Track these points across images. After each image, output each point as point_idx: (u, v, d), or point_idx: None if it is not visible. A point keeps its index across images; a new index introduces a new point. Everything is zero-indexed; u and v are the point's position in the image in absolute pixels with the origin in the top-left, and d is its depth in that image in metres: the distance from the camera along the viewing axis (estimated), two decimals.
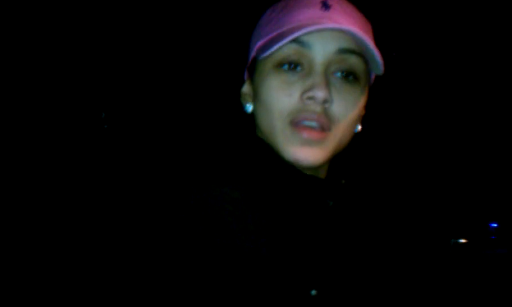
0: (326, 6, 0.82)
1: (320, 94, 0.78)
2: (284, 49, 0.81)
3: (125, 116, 2.76)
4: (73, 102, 2.66)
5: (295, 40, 0.80)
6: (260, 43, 0.87)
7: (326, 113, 0.80)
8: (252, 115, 0.90)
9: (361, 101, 0.84)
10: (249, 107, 0.90)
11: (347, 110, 0.81)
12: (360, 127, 0.89)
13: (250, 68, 0.92)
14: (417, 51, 3.00)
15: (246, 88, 0.94)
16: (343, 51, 0.80)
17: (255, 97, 0.88)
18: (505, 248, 2.96)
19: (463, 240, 3.06)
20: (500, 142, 2.99)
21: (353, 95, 0.82)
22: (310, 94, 0.78)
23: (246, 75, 0.96)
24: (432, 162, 3.12)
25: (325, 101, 0.79)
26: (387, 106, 2.84)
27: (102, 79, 2.68)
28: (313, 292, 0.77)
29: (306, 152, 0.80)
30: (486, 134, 3.02)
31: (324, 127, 0.80)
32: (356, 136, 0.92)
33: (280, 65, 0.82)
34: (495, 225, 3.03)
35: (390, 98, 2.85)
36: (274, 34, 0.82)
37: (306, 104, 0.79)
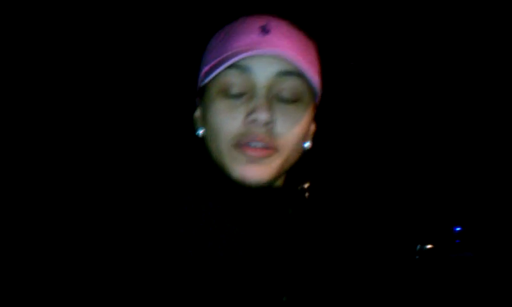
0: (264, 30, 0.84)
1: (262, 116, 0.80)
2: (227, 74, 0.84)
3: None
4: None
5: (236, 65, 0.82)
6: (205, 69, 0.89)
7: (270, 134, 0.82)
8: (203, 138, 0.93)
9: (305, 119, 0.87)
10: (201, 131, 0.93)
11: (291, 129, 0.84)
12: (309, 144, 0.92)
13: (199, 93, 0.94)
14: (370, 60, 3.02)
15: (197, 113, 0.97)
16: (283, 73, 0.83)
17: (204, 121, 0.91)
18: (471, 251, 2.97)
19: (428, 246, 3.07)
20: (461, 144, 3.02)
21: (296, 115, 0.85)
22: (253, 117, 0.81)
23: (197, 100, 0.98)
24: (394, 168, 3.12)
25: (268, 123, 0.81)
26: (347, 110, 2.85)
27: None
28: (284, 299, 0.78)
29: (252, 170, 0.82)
30: (447, 137, 3.05)
31: (269, 147, 0.83)
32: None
33: (223, 90, 0.84)
34: (459, 229, 3.04)
35: (349, 102, 2.85)
36: (216, 60, 0.85)
37: (250, 127, 0.82)
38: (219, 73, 0.84)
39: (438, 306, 2.80)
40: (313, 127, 0.95)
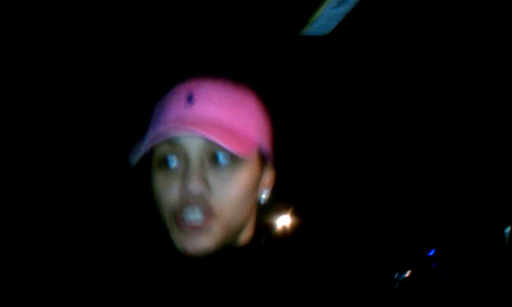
0: (190, 100, 0.86)
1: (192, 188, 0.81)
2: (160, 148, 0.84)
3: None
4: None
5: (166, 140, 0.84)
6: (144, 142, 0.88)
7: (205, 203, 0.82)
8: None
9: (245, 179, 0.86)
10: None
11: (227, 194, 0.83)
12: (264, 196, 0.92)
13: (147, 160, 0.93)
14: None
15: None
16: (213, 141, 0.82)
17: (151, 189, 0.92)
18: (446, 273, 3.01)
19: (406, 274, 3.09)
20: (428, 165, 3.09)
21: (234, 177, 0.84)
22: (185, 189, 0.81)
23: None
24: (364, 197, 3.15)
25: (200, 192, 0.81)
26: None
27: None
28: None
29: (192, 243, 0.81)
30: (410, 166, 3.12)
31: (207, 215, 0.82)
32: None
33: (161, 162, 0.85)
34: (433, 252, 3.08)
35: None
36: (149, 135, 0.86)
37: (185, 198, 0.82)
38: (155, 146, 0.84)
39: None
40: (268, 178, 0.93)
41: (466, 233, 3.02)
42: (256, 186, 0.88)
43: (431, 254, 3.12)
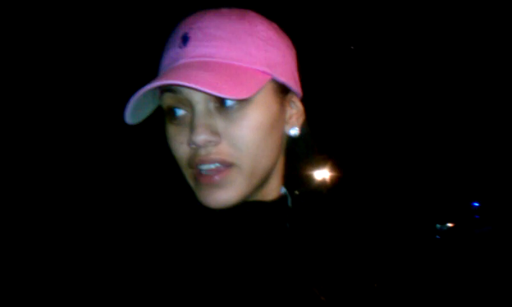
0: (184, 39, 0.76)
1: (197, 139, 0.73)
2: (164, 97, 0.77)
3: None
4: None
5: (166, 87, 0.75)
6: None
7: (217, 152, 0.74)
8: None
9: (261, 119, 0.76)
10: None
11: (244, 138, 0.75)
12: (294, 131, 0.83)
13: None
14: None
15: None
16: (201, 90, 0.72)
17: None
18: (490, 225, 2.99)
19: (449, 224, 3.09)
20: (473, 126, 3.04)
21: (246, 119, 0.75)
22: (191, 141, 0.74)
23: None
24: (410, 155, 3.14)
25: (207, 142, 0.73)
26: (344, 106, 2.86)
27: None
28: None
29: (214, 195, 0.75)
30: (459, 120, 3.06)
31: (224, 165, 0.75)
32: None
33: (169, 113, 0.78)
34: (477, 204, 3.06)
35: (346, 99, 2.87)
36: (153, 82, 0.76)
37: (195, 150, 0.75)
38: (161, 96, 0.77)
39: (461, 282, 2.83)
40: (294, 112, 0.83)
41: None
42: (277, 123, 0.80)
43: (475, 205, 3.11)
